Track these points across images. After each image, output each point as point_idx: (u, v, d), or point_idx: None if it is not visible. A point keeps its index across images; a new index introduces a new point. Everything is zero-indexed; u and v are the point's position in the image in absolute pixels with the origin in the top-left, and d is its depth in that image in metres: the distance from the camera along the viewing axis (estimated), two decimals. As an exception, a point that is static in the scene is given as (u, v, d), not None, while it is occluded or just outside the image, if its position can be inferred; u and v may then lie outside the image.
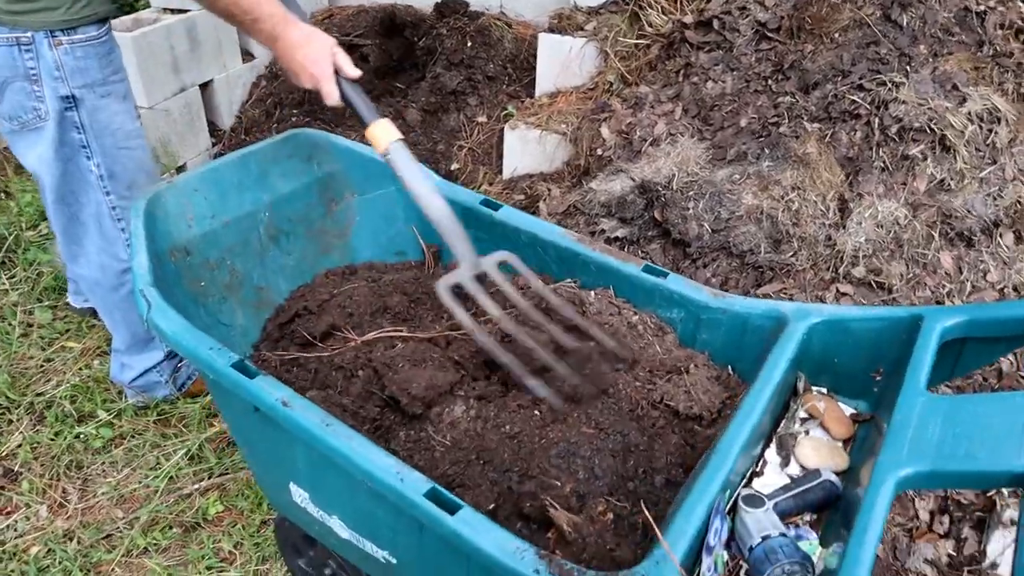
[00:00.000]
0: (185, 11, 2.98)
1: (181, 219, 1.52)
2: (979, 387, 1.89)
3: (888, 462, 0.97)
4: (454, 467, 1.26)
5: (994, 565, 1.70)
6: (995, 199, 1.97)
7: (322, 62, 1.49)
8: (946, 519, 1.76)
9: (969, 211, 1.96)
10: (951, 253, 1.97)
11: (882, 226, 1.94)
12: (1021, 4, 2.24)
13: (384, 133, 1.51)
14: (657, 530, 0.98)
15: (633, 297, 1.58)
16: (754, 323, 1.43)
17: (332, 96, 1.52)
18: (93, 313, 2.30)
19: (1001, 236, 1.99)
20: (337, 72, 1.53)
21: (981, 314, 1.19)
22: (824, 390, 1.40)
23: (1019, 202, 1.98)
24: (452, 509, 1.03)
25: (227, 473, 1.93)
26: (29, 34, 1.56)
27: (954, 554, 1.73)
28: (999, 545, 1.70)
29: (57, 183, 1.74)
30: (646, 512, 1.11)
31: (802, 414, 1.34)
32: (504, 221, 1.70)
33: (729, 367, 1.49)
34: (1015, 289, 1.95)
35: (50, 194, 1.77)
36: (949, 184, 1.99)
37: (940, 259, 1.96)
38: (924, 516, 1.77)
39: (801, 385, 1.37)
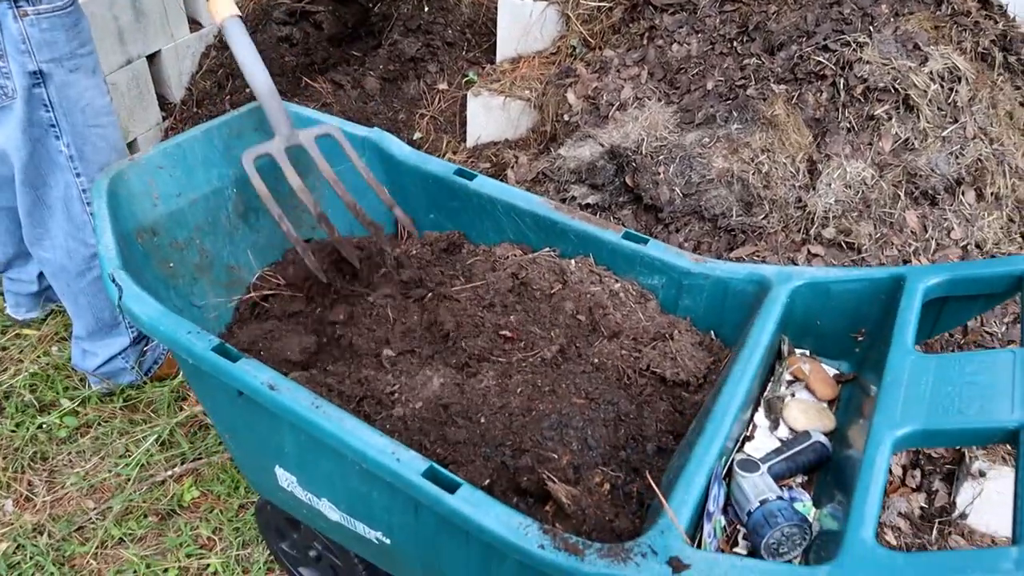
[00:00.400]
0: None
1: (146, 198, 1.46)
2: (945, 343, 1.93)
3: (884, 422, 0.98)
4: (442, 447, 1.24)
5: (963, 515, 1.76)
6: (957, 157, 2.00)
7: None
8: (918, 473, 1.81)
9: (933, 170, 1.99)
10: (916, 212, 2.00)
11: (850, 186, 1.96)
12: (978, -38, 2.26)
13: (224, 6, 1.61)
14: (663, 500, 0.97)
15: (614, 265, 1.58)
16: (736, 287, 1.43)
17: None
18: (39, 321, 2.25)
19: (963, 194, 2.03)
20: None
21: (962, 272, 1.21)
22: (807, 352, 1.42)
23: (979, 160, 2.02)
24: (451, 488, 1.01)
25: (201, 458, 1.89)
26: None
27: (926, 507, 1.78)
28: (968, 496, 1.75)
29: (24, 164, 1.66)
30: (651, 481, 1.10)
31: (788, 377, 1.35)
32: (479, 190, 1.67)
33: (712, 332, 1.50)
34: (977, 246, 1.99)
35: (18, 175, 1.69)
36: (913, 143, 2.01)
37: (906, 218, 1.99)
38: (897, 471, 1.81)
39: (785, 348, 1.38)
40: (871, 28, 2.12)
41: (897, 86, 2.02)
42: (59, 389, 2.01)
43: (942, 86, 2.05)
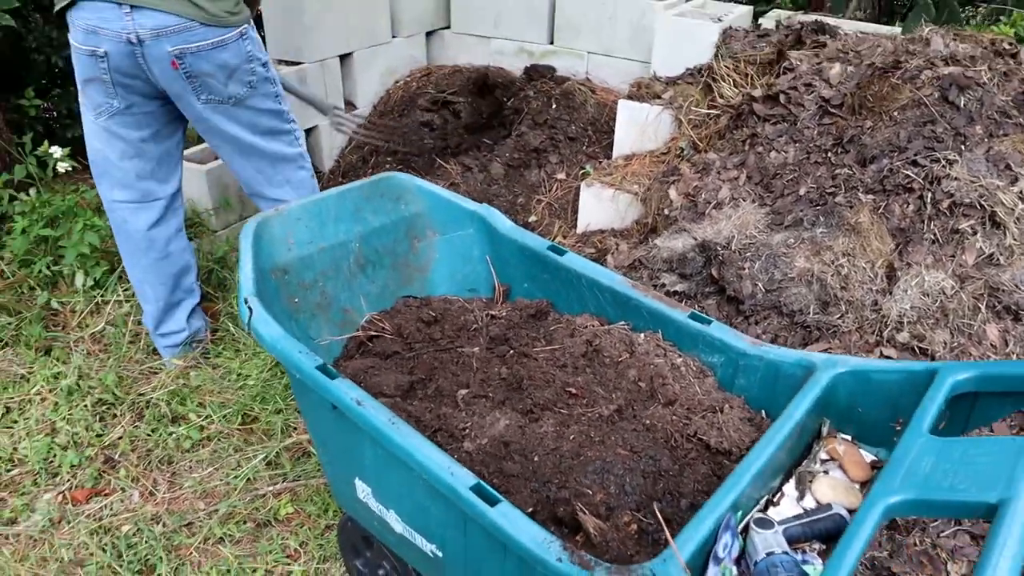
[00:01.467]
0: (298, 63, 3.31)
1: (283, 243, 1.75)
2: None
3: (880, 489, 1.08)
4: (497, 478, 1.41)
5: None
6: (1045, 276, 2.04)
7: None
8: None
9: (1017, 286, 2.03)
10: (997, 325, 2.04)
11: (928, 295, 2.03)
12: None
13: None
14: (667, 531, 1.11)
15: (679, 341, 1.72)
16: (786, 371, 1.55)
17: None
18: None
19: (1050, 312, 2.05)
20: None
21: (991, 370, 1.29)
22: (848, 437, 1.50)
23: (1069, 281, 2.04)
24: (492, 502, 1.18)
25: (300, 479, 2.12)
26: (244, 27, 2.13)
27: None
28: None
29: (265, 131, 2.32)
30: (658, 513, 1.23)
31: (823, 455, 1.45)
32: (567, 265, 1.87)
33: (763, 411, 1.61)
34: (1062, 365, 2.00)
35: (257, 143, 2.31)
36: (998, 259, 2.07)
37: (986, 330, 2.03)
38: None
39: (825, 429, 1.48)
40: (962, 147, 2.21)
41: (984, 203, 2.09)
42: (191, 406, 2.31)
43: (1032, 206, 2.11)
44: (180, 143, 2.39)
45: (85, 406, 2.26)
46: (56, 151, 2.84)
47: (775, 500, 1.37)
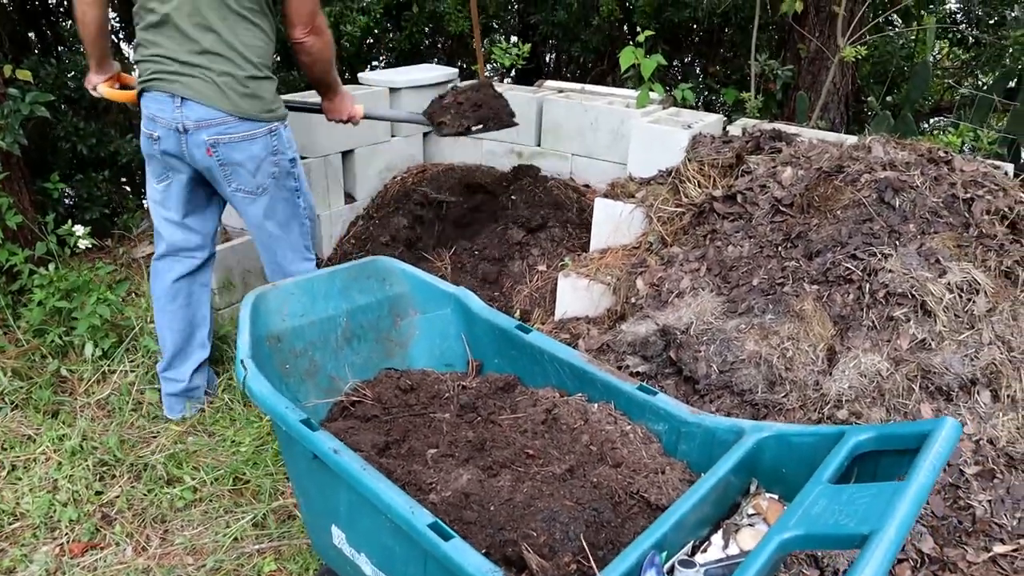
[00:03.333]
0: (303, 157, 3.60)
1: (278, 314, 1.96)
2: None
3: (777, 527, 1.25)
4: (457, 524, 1.58)
5: None
6: (972, 359, 2.23)
7: (356, 106, 2.91)
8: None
9: (947, 368, 2.23)
10: (931, 405, 2.22)
11: (865, 375, 2.22)
12: (1011, 193, 2.57)
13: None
14: (594, 564, 1.27)
15: (629, 410, 1.91)
16: (721, 436, 1.72)
17: (358, 114, 2.93)
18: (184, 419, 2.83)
19: (979, 393, 2.23)
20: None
21: (887, 431, 1.48)
22: (775, 496, 1.67)
23: (995, 364, 2.23)
24: (447, 538, 1.35)
25: (284, 539, 2.27)
26: (276, 124, 2.46)
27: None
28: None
29: (281, 221, 2.61)
30: (589, 554, 1.40)
31: (750, 511, 1.61)
32: (532, 343, 2.07)
33: (702, 473, 1.78)
34: (990, 441, 2.17)
35: (273, 231, 2.61)
36: (930, 344, 2.27)
37: (920, 409, 2.21)
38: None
39: (753, 488, 1.65)
40: (897, 243, 2.44)
41: (915, 293, 2.31)
42: (186, 469, 2.48)
43: (960, 296, 2.32)
44: (216, 216, 2.73)
45: (87, 466, 2.43)
46: (79, 229, 3.09)
47: (703, 548, 1.53)
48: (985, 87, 5.16)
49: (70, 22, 4.68)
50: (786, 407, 2.25)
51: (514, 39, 6.77)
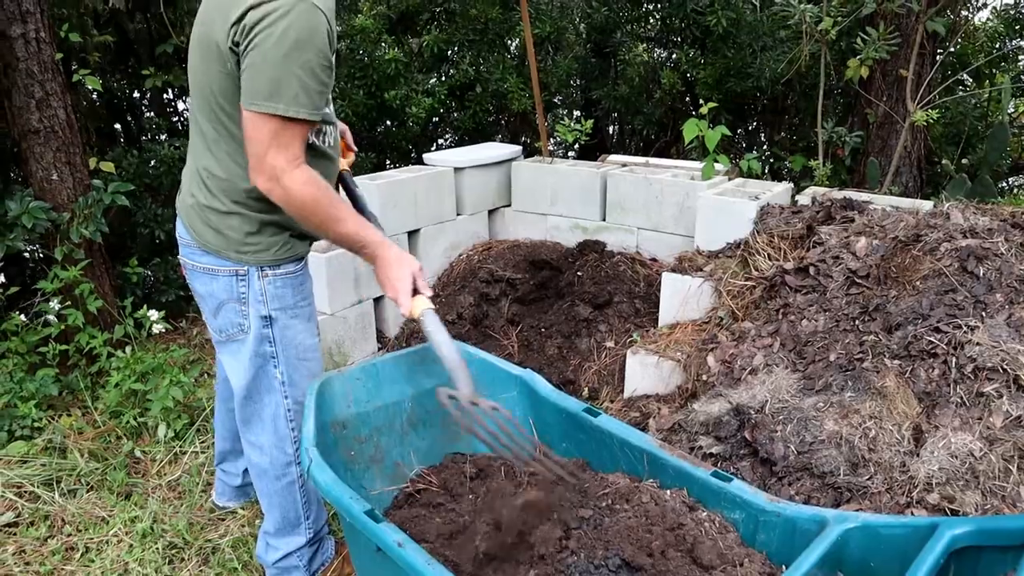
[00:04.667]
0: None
1: (343, 400, 1.96)
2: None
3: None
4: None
5: None
6: (1075, 441, 2.08)
7: (405, 281, 1.96)
8: None
9: (1048, 450, 2.08)
10: (1032, 490, 2.07)
11: (956, 456, 2.09)
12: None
13: (421, 304, 1.96)
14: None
15: (703, 498, 1.83)
16: (802, 526, 1.63)
17: (405, 308, 1.97)
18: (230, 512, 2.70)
19: (1085, 477, 2.07)
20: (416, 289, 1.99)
21: (989, 524, 1.37)
22: (865, 593, 1.56)
23: (1101, 446, 2.07)
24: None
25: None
26: (245, 268, 1.99)
27: None
28: None
29: (247, 385, 2.10)
30: None
31: (838, 610, 1.50)
32: (600, 426, 2.02)
33: (784, 566, 1.67)
34: (1102, 531, 2.00)
35: (239, 392, 2.12)
36: (1026, 423, 2.13)
37: (1020, 492, 2.06)
38: None
39: (840, 584, 1.54)
40: (983, 314, 2.32)
41: (1006, 367, 2.18)
42: (253, 553, 2.46)
43: (1056, 372, 2.18)
44: None
45: (157, 549, 2.44)
46: (153, 314, 3.19)
47: (787, 650, 1.42)
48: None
49: (153, 114, 4.96)
50: (871, 490, 2.12)
51: (576, 114, 6.87)
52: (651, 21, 6.54)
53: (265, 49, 1.69)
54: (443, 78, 5.74)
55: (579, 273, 3.78)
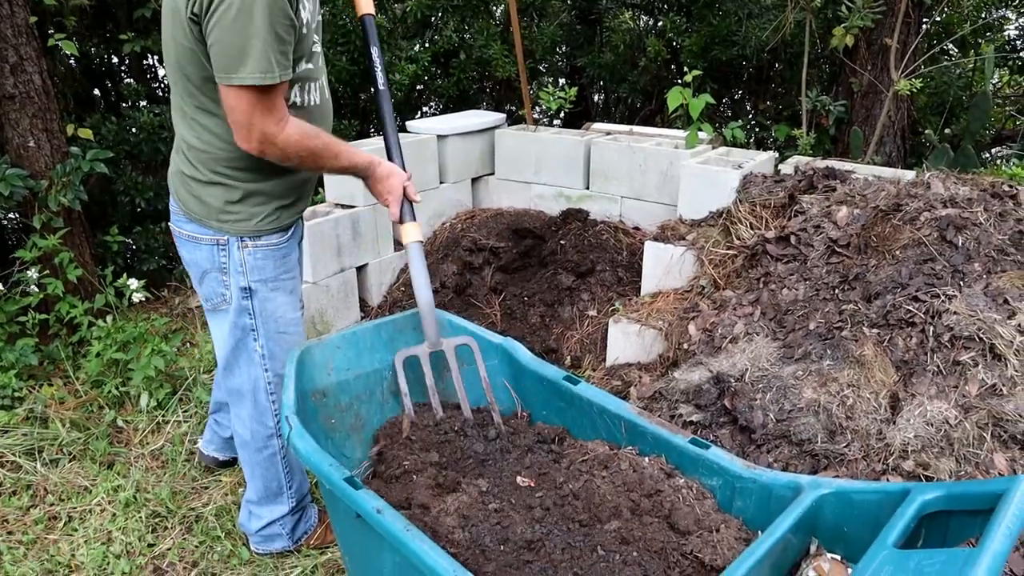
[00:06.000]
0: (352, 206, 3.64)
1: (323, 369, 1.96)
2: None
3: (841, 597, 1.18)
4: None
5: None
6: (1047, 408, 2.11)
7: (397, 191, 2.11)
8: None
9: (1021, 416, 2.10)
10: (1005, 455, 2.10)
11: (932, 424, 2.11)
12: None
13: (413, 232, 2.14)
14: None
15: (681, 464, 1.84)
16: (778, 493, 1.65)
17: (394, 215, 2.13)
18: (218, 464, 2.70)
19: (1056, 444, 2.10)
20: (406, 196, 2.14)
21: (958, 489, 1.39)
22: (837, 556, 1.58)
23: (1072, 413, 2.10)
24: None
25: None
26: (226, 238, 1.98)
27: None
28: None
29: (228, 355, 2.11)
30: None
31: (811, 573, 1.53)
32: (580, 394, 2.03)
33: (759, 531, 1.70)
34: (1071, 496, 2.03)
35: (221, 362, 2.14)
36: (1000, 389, 2.15)
37: (993, 459, 2.09)
38: None
39: (813, 548, 1.57)
40: (961, 283, 2.34)
41: (983, 336, 2.20)
42: (236, 522, 2.47)
43: (1031, 340, 2.20)
44: None
45: (140, 518, 2.45)
46: (133, 283, 3.17)
47: (761, 613, 1.45)
48: (1050, 116, 5.00)
49: (131, 80, 4.87)
50: (848, 458, 2.15)
51: (561, 82, 6.81)
52: (637, -13, 6.47)
53: (225, 23, 1.68)
54: (427, 44, 5.67)
55: (562, 242, 3.78)
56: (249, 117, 1.76)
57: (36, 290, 3.18)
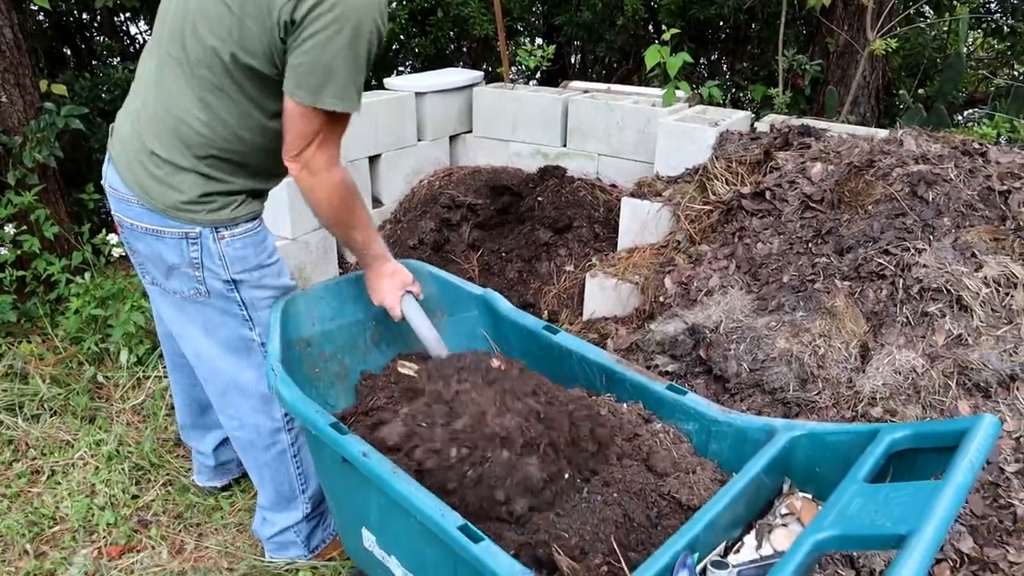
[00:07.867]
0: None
1: (307, 318, 1.97)
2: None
3: (812, 528, 1.23)
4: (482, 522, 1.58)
5: None
6: (1011, 355, 2.19)
7: (395, 294, 1.99)
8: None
9: (985, 364, 2.18)
10: (969, 402, 2.18)
11: (900, 372, 2.18)
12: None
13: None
14: (625, 566, 1.26)
15: (659, 410, 1.89)
16: (752, 435, 1.70)
17: (395, 315, 2.01)
18: (220, 490, 2.49)
19: (1018, 389, 2.18)
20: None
21: (925, 428, 1.45)
22: (809, 495, 1.65)
23: (1034, 360, 2.18)
24: (476, 540, 1.35)
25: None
26: (197, 230, 1.78)
27: None
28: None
29: (218, 351, 1.94)
30: (620, 555, 1.39)
31: (783, 511, 1.59)
32: (559, 343, 2.07)
33: (734, 473, 1.76)
34: (1031, 440, 2.12)
35: (207, 361, 1.96)
36: (966, 339, 2.23)
37: (958, 406, 2.17)
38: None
39: (786, 487, 1.63)
40: (931, 237, 2.40)
41: (951, 288, 2.27)
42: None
43: (997, 290, 2.27)
44: None
45: (123, 470, 2.47)
46: (112, 238, 3.14)
47: (736, 549, 1.51)
48: (1021, 77, 5.06)
49: (104, 37, 4.78)
50: (819, 405, 2.22)
51: (539, 41, 6.77)
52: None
53: (322, 39, 1.57)
54: (404, 2, 5.60)
55: (540, 199, 3.80)
56: (308, 142, 1.68)
57: (12, 247, 3.15)
